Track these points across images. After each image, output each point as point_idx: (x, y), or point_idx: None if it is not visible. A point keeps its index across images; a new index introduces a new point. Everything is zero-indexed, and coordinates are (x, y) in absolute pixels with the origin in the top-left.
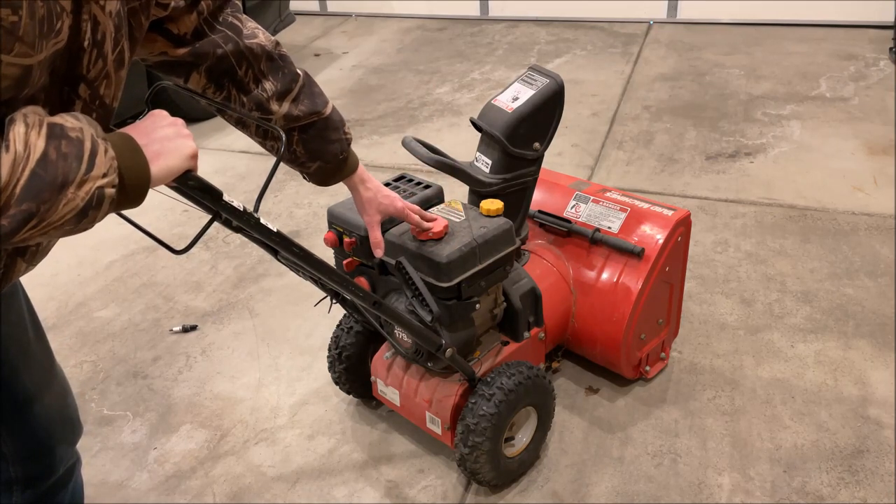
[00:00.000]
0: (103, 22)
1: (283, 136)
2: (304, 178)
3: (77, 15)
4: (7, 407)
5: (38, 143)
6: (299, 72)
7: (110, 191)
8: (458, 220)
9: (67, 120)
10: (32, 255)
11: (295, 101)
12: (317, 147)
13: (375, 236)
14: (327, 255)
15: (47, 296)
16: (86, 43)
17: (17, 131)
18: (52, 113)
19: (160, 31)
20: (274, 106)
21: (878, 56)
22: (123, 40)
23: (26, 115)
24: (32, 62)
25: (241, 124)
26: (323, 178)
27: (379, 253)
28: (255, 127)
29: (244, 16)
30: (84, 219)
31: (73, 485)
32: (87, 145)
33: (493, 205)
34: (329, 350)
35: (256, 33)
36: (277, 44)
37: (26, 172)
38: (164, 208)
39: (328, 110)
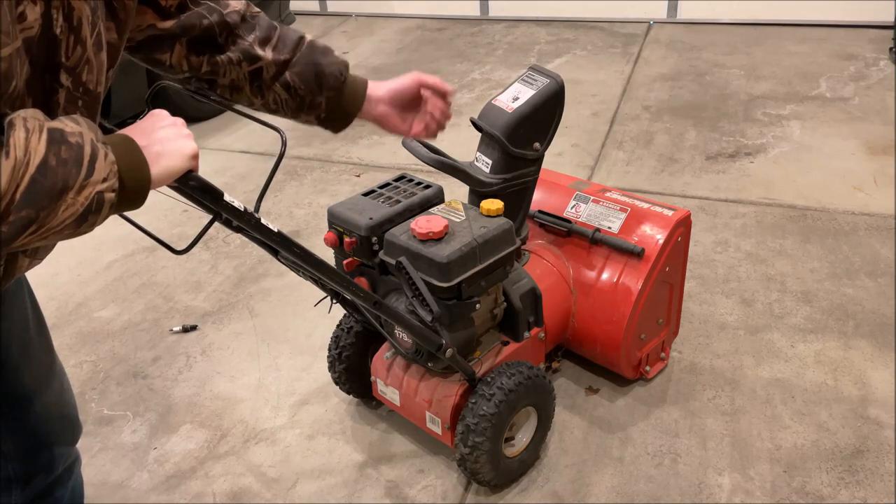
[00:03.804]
0: (78, 7)
1: (284, 136)
2: (328, 128)
3: (47, 3)
4: (7, 404)
5: (39, 149)
6: (273, 22)
7: (110, 195)
8: (458, 220)
9: (67, 124)
10: (35, 250)
11: (276, 47)
12: (312, 74)
13: (404, 128)
14: (327, 255)
15: (47, 296)
16: (58, 30)
17: (18, 137)
18: (35, 103)
19: (148, 3)
20: (259, 51)
21: (878, 56)
22: (100, 23)
23: (26, 119)
24: (11, 51)
25: (235, 89)
26: (340, 108)
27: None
28: (248, 85)
29: None
30: (84, 223)
31: (73, 483)
32: (87, 150)
33: (493, 205)
34: (329, 350)
35: (230, 3)
36: (248, 5)
37: (26, 179)
38: (163, 208)
39: (309, 36)
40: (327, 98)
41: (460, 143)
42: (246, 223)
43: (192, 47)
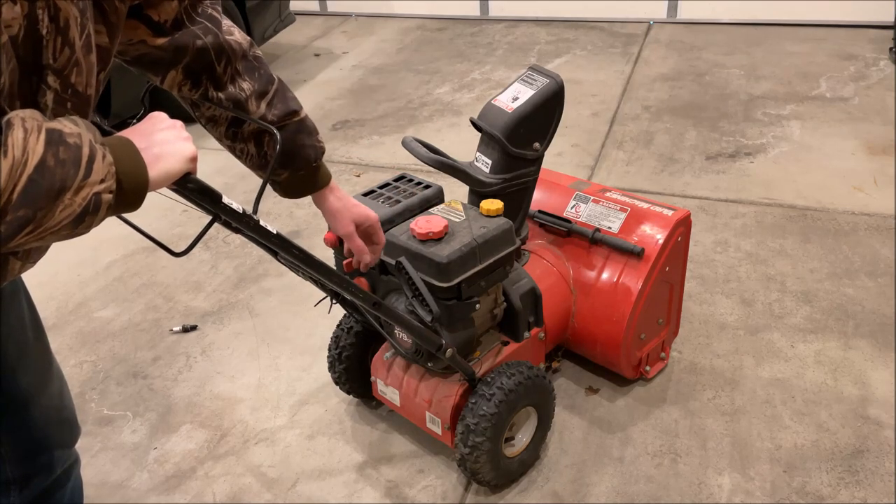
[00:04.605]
0: (65, 8)
1: (278, 133)
2: (275, 189)
3: (32, 3)
4: (5, 406)
5: (37, 149)
6: (274, 75)
7: (107, 196)
8: (458, 220)
9: (66, 125)
10: (27, 253)
11: (270, 103)
12: (289, 150)
13: (357, 244)
14: (327, 256)
15: (47, 296)
16: (44, 31)
17: (16, 136)
18: (23, 105)
19: (140, 17)
20: (252, 106)
21: (878, 56)
22: (90, 25)
23: (24, 119)
24: None
25: (211, 122)
26: (293, 187)
27: (367, 259)
28: (225, 127)
29: (220, 11)
30: (81, 224)
31: (72, 485)
32: (85, 151)
33: (493, 205)
34: (329, 350)
35: (233, 31)
36: (252, 44)
37: (23, 178)
38: (163, 208)
39: (303, 113)
40: (290, 172)
41: (460, 143)
42: (245, 225)
43: (188, 74)
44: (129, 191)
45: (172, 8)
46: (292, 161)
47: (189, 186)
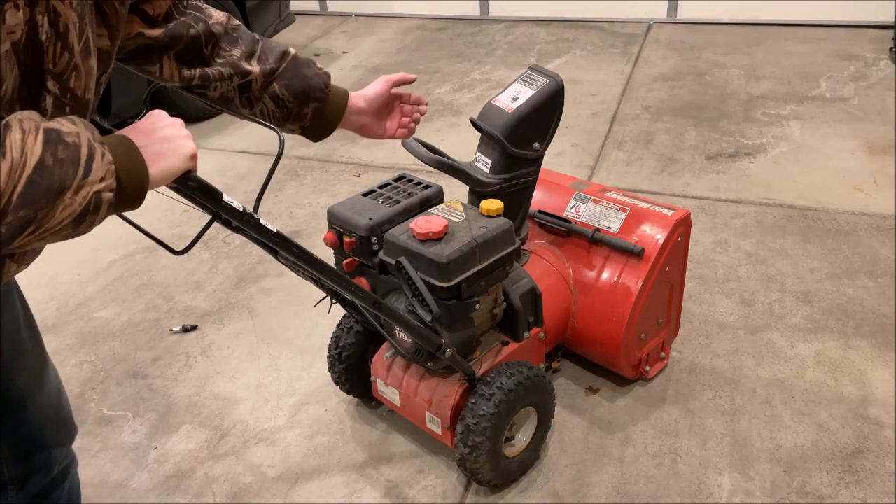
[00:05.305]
0: (64, 13)
1: (282, 136)
2: (310, 137)
3: (32, 9)
4: (2, 407)
5: (35, 150)
6: (255, 34)
7: (108, 195)
8: (458, 220)
9: (64, 125)
10: (22, 255)
11: (260, 59)
12: (300, 86)
13: (405, 126)
14: (327, 255)
15: (47, 296)
16: (44, 37)
17: (14, 137)
18: (23, 109)
19: (136, 11)
20: (247, 66)
21: (878, 56)
22: (88, 29)
23: (22, 120)
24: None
25: (224, 101)
26: (325, 118)
27: (419, 114)
28: (238, 97)
29: None
30: (82, 223)
31: (69, 485)
32: (84, 150)
33: (492, 205)
34: (329, 350)
35: (212, 13)
36: (229, 17)
37: (23, 179)
38: (163, 208)
39: (293, 50)
40: (313, 109)
41: (460, 143)
42: (245, 224)
43: (181, 60)
44: (129, 189)
45: (166, 3)
46: (310, 95)
47: (189, 184)
